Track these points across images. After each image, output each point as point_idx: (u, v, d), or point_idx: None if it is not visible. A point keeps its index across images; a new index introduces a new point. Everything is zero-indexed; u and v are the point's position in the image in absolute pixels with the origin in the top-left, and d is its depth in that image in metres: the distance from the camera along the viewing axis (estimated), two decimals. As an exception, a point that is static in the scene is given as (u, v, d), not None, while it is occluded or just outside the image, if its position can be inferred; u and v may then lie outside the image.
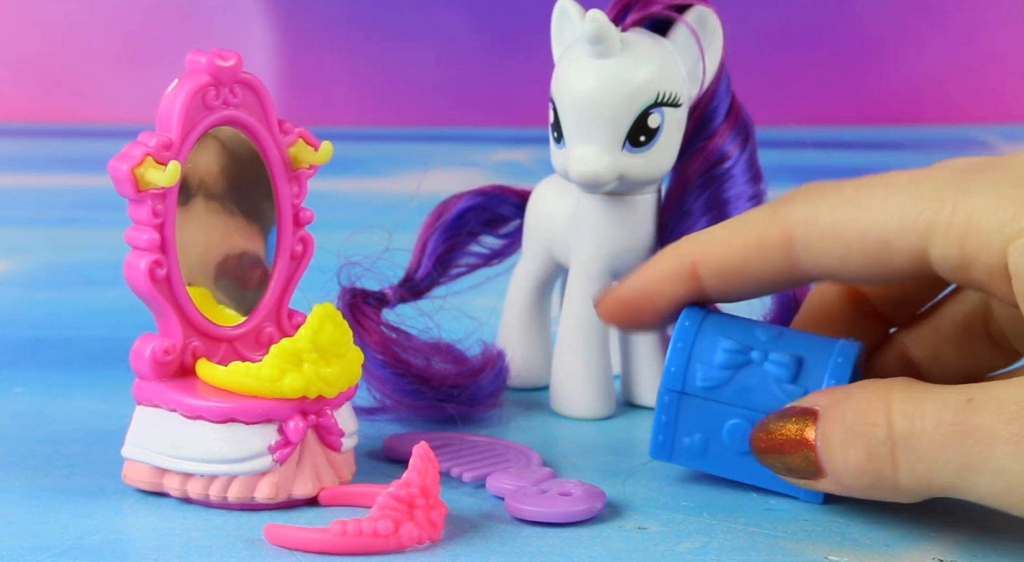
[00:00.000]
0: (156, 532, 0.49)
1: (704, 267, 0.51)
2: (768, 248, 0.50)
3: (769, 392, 0.50)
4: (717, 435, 0.51)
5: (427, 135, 1.22)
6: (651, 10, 0.58)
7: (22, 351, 0.68)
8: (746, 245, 0.50)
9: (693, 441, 0.51)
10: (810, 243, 0.49)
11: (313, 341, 0.50)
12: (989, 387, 0.45)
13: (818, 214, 0.49)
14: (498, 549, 0.48)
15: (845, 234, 0.48)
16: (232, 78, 0.52)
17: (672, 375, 0.51)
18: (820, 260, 0.49)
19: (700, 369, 0.51)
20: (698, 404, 0.51)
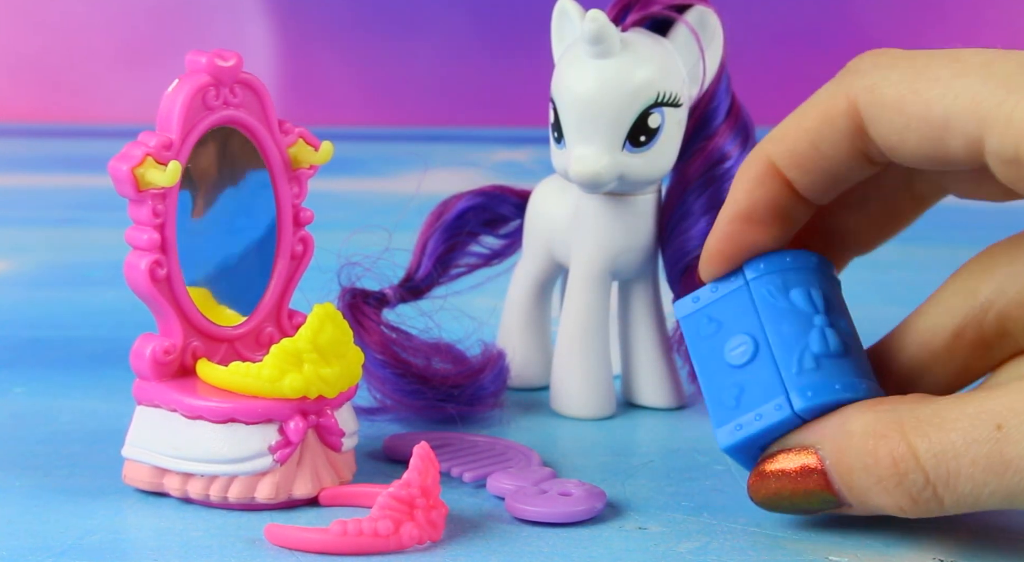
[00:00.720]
0: (156, 532, 0.49)
1: (780, 160, 0.48)
2: (835, 120, 0.47)
3: (794, 348, 0.48)
4: (727, 334, 0.49)
5: (427, 135, 1.22)
6: (651, 10, 0.58)
7: (22, 351, 0.68)
8: (814, 122, 0.48)
9: (709, 326, 0.50)
10: (872, 114, 0.46)
11: (313, 341, 0.50)
12: (1011, 406, 0.44)
13: (884, 82, 0.46)
14: (498, 549, 0.48)
15: (907, 107, 0.46)
16: (232, 78, 0.52)
17: (757, 266, 0.49)
18: (881, 132, 0.46)
19: (778, 284, 0.49)
20: (743, 303, 0.49)
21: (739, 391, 0.48)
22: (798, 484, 0.47)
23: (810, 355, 0.48)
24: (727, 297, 0.50)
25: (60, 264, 0.85)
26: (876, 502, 0.46)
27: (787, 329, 0.48)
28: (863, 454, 0.46)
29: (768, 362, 0.48)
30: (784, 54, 1.27)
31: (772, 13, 1.26)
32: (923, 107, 0.45)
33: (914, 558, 0.47)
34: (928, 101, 0.45)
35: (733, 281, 0.50)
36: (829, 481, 0.47)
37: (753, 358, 0.48)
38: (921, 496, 0.45)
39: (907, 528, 0.49)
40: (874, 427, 0.46)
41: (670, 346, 0.61)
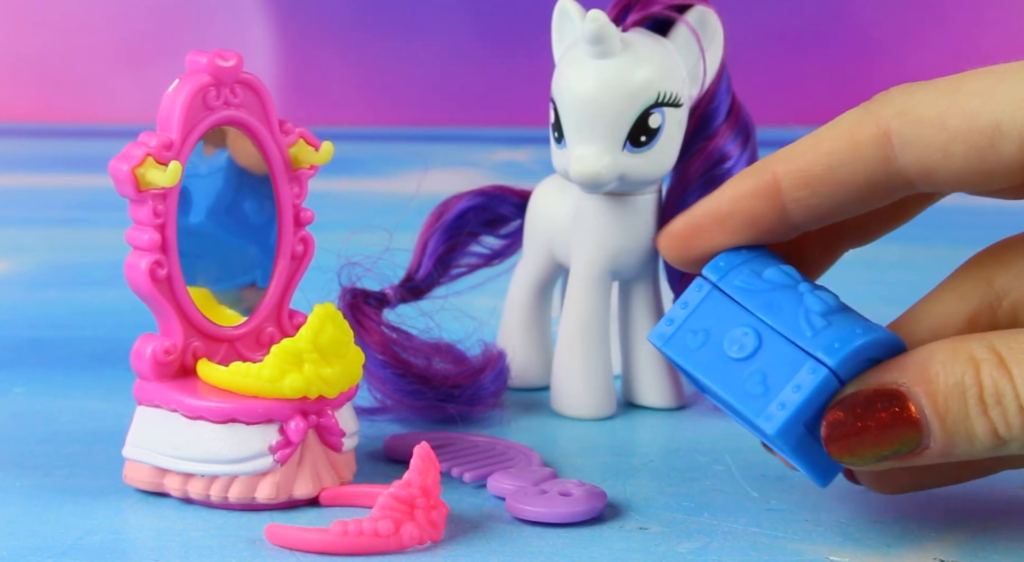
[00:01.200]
0: (157, 532, 0.49)
1: (788, 177, 0.47)
2: (860, 146, 0.46)
3: (795, 317, 0.46)
4: (720, 336, 0.47)
5: (427, 135, 1.22)
6: (651, 10, 0.58)
7: (22, 351, 0.68)
8: (836, 145, 0.46)
9: (695, 339, 0.48)
10: (908, 136, 0.45)
11: (314, 341, 0.50)
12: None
13: (918, 105, 0.45)
14: (499, 549, 0.48)
15: (949, 121, 0.45)
16: (233, 78, 0.52)
17: (717, 267, 0.48)
18: (920, 154, 0.45)
19: (746, 272, 0.47)
20: (722, 304, 0.47)
21: (762, 377, 0.46)
22: (886, 431, 0.45)
23: (816, 315, 0.46)
24: (701, 306, 0.48)
25: (60, 264, 0.85)
26: (972, 430, 0.44)
27: (779, 304, 0.47)
28: (959, 379, 0.44)
29: (778, 340, 0.47)
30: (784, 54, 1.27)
31: (772, 13, 1.26)
32: (967, 119, 0.45)
33: (914, 558, 0.47)
34: (971, 113, 0.45)
35: (699, 290, 0.48)
36: (918, 420, 0.44)
37: (759, 344, 0.47)
38: (1015, 421, 0.44)
39: (908, 528, 0.49)
40: (968, 353, 0.44)
41: (670, 346, 0.61)
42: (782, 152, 0.47)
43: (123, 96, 1.26)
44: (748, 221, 0.48)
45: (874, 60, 1.27)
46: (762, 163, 0.48)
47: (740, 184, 0.48)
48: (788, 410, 0.45)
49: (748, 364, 0.47)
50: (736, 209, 0.48)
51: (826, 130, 0.47)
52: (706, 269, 0.48)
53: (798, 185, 0.47)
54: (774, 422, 0.45)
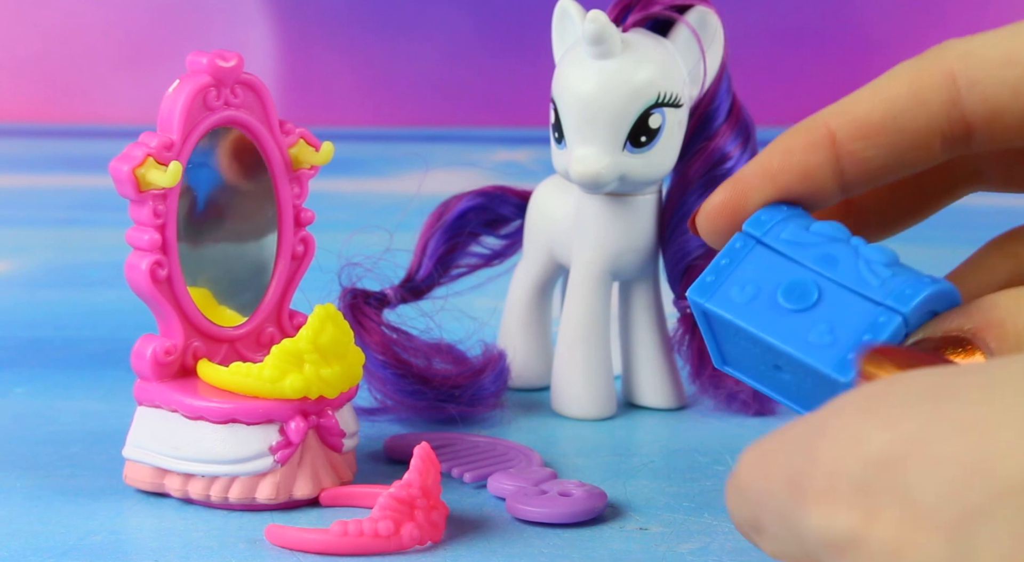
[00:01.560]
0: (157, 533, 0.49)
1: (844, 128, 0.45)
2: (924, 90, 0.44)
3: (855, 268, 0.44)
4: (772, 289, 0.45)
5: (427, 135, 1.22)
6: (652, 10, 0.58)
7: (23, 351, 0.68)
8: (896, 91, 0.44)
9: (743, 292, 0.45)
10: (976, 75, 0.44)
11: (314, 342, 0.50)
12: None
13: (981, 46, 0.44)
14: (499, 550, 0.48)
15: (1019, 56, 0.43)
16: (233, 79, 0.52)
17: (759, 222, 0.45)
18: (989, 92, 0.44)
19: (792, 227, 0.45)
20: (769, 258, 0.45)
21: (828, 327, 0.44)
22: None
23: (879, 265, 0.44)
24: (747, 260, 0.46)
25: (60, 264, 0.85)
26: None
27: (836, 256, 0.45)
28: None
29: (841, 291, 0.44)
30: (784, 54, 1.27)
31: (772, 13, 1.26)
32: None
33: (915, 558, 0.47)
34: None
35: (741, 246, 0.46)
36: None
37: (820, 296, 0.44)
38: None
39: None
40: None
41: (671, 346, 0.61)
42: (836, 105, 0.46)
43: (123, 96, 1.26)
44: (801, 176, 0.46)
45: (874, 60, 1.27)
46: (813, 117, 0.46)
47: (791, 138, 0.46)
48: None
49: (809, 315, 0.44)
50: (788, 164, 0.45)
51: (885, 78, 0.45)
52: (747, 224, 0.46)
53: (855, 136, 0.45)
54: (845, 370, 0.43)
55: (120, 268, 0.51)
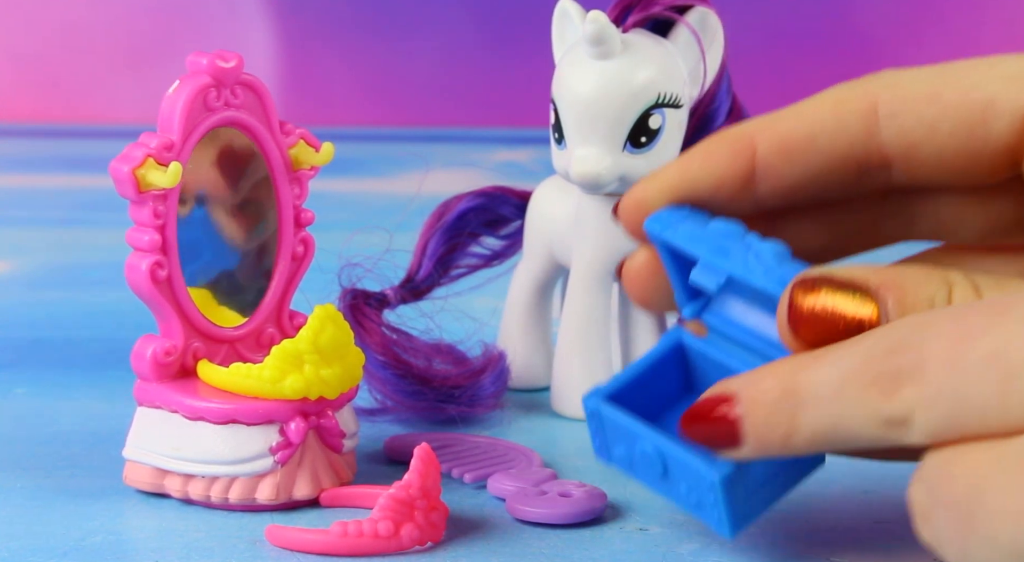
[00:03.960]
0: (157, 533, 0.49)
1: (765, 142, 0.46)
2: (846, 115, 0.45)
3: (745, 259, 0.45)
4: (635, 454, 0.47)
5: (427, 135, 1.22)
6: (652, 11, 0.58)
7: (23, 352, 0.68)
8: (819, 114, 0.46)
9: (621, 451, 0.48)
10: (896, 108, 0.45)
11: (314, 342, 0.50)
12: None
13: (912, 80, 0.45)
14: (499, 550, 0.48)
15: (942, 95, 0.44)
16: (233, 79, 0.52)
17: (660, 219, 0.46)
18: (906, 126, 0.45)
19: (691, 225, 0.46)
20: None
21: (687, 487, 0.46)
22: (843, 320, 0.42)
23: (768, 256, 0.45)
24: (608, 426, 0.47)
25: (61, 265, 0.85)
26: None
27: (729, 249, 0.45)
28: (930, 295, 0.42)
29: (679, 454, 0.46)
30: (784, 54, 1.27)
31: (772, 14, 1.26)
32: (961, 94, 0.44)
33: (914, 558, 0.47)
34: (965, 87, 0.44)
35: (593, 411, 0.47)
36: (877, 321, 0.42)
37: (665, 467, 0.46)
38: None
39: (908, 529, 0.49)
40: (943, 276, 0.43)
41: (671, 347, 0.61)
42: (764, 118, 0.47)
43: (123, 97, 1.26)
44: (716, 182, 0.47)
45: (874, 60, 1.27)
46: (741, 127, 0.47)
47: (716, 144, 0.47)
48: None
49: (667, 481, 0.46)
50: (706, 168, 0.47)
51: (811, 100, 0.46)
52: (648, 221, 0.47)
53: (775, 151, 0.46)
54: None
55: (120, 268, 0.51)
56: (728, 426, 0.43)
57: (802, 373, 0.42)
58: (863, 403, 0.40)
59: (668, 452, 0.45)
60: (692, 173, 0.47)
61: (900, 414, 0.40)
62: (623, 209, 0.48)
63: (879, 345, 0.41)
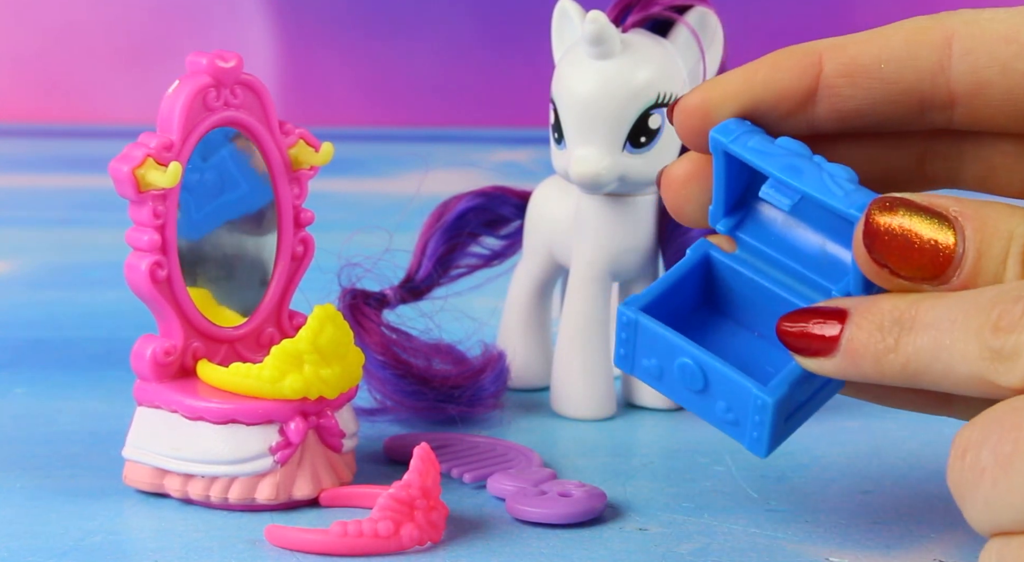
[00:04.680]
0: (157, 533, 0.49)
1: (833, 61, 0.45)
2: (918, 46, 0.45)
3: (820, 179, 0.44)
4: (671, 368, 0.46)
5: (427, 135, 1.22)
6: (651, 11, 0.58)
7: (23, 352, 0.68)
8: (893, 41, 0.45)
9: (651, 364, 0.46)
10: (972, 44, 0.44)
11: (314, 342, 0.50)
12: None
13: (990, 18, 0.44)
14: (499, 550, 0.48)
15: (1019, 36, 0.44)
16: (233, 79, 0.52)
17: (727, 129, 0.45)
18: (979, 64, 0.44)
19: (759, 138, 0.45)
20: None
21: (726, 405, 0.46)
22: (923, 242, 0.42)
23: (842, 179, 0.44)
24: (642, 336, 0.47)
25: (60, 265, 0.85)
26: (1002, 272, 0.42)
27: (800, 167, 0.45)
28: (1011, 228, 0.42)
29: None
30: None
31: (772, 13, 1.26)
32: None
33: (914, 558, 0.47)
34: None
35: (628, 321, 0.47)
36: (955, 246, 0.42)
37: (706, 381, 0.46)
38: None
39: (907, 529, 0.49)
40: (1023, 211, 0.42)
41: (670, 347, 0.61)
42: (837, 38, 0.46)
43: (123, 97, 1.26)
44: (779, 94, 0.46)
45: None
46: (811, 43, 0.46)
47: (783, 57, 0.46)
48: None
49: (706, 396, 0.46)
50: (772, 78, 0.46)
51: (887, 27, 0.46)
52: (715, 130, 0.46)
53: (841, 72, 0.46)
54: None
55: (120, 268, 0.51)
56: (828, 335, 0.43)
57: (923, 303, 0.42)
58: (974, 335, 0.41)
59: (713, 369, 0.45)
60: (757, 83, 0.46)
61: (1008, 349, 0.40)
62: (681, 111, 0.47)
63: (1008, 293, 0.41)
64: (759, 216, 0.47)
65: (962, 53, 0.45)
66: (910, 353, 0.42)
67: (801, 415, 0.46)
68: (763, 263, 0.47)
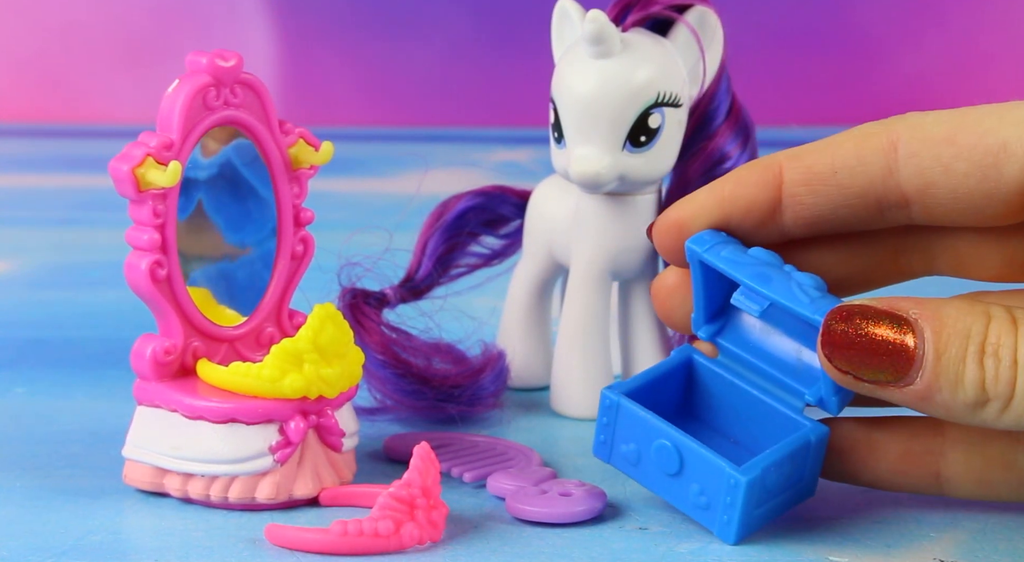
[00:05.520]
0: (157, 532, 0.49)
1: (791, 171, 0.48)
2: (868, 151, 0.47)
3: (788, 288, 0.47)
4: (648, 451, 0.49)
5: (427, 135, 1.22)
6: (651, 10, 0.58)
7: (23, 351, 0.68)
8: (843, 149, 0.48)
9: (628, 449, 0.50)
10: (915, 147, 0.47)
11: (314, 341, 0.50)
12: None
13: (931, 122, 0.47)
14: (499, 549, 0.48)
15: (958, 137, 0.46)
16: (233, 78, 0.52)
17: (702, 240, 0.49)
18: (923, 165, 0.46)
19: (732, 248, 0.49)
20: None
21: (700, 489, 0.48)
22: (881, 349, 0.45)
23: (810, 287, 0.47)
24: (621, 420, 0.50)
25: (60, 264, 0.85)
26: (962, 375, 0.45)
27: (770, 276, 0.48)
28: (967, 326, 0.45)
29: (697, 454, 0.48)
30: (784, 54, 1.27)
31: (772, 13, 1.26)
32: (975, 136, 0.46)
33: (914, 558, 0.47)
34: (981, 131, 0.46)
35: (610, 405, 0.50)
36: (915, 349, 0.45)
37: (682, 463, 0.49)
38: (1004, 375, 0.44)
39: (907, 528, 0.49)
40: (983, 308, 0.45)
41: (670, 346, 0.61)
42: (794, 149, 0.49)
43: (123, 96, 1.26)
44: (746, 207, 0.49)
45: (874, 60, 1.27)
46: (771, 156, 0.49)
47: (747, 171, 0.49)
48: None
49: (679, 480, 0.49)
50: (738, 194, 0.49)
51: (839, 135, 0.48)
52: (690, 241, 0.49)
53: (799, 181, 0.48)
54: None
55: (120, 268, 0.51)
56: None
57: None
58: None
59: (689, 450, 0.48)
60: (725, 199, 0.49)
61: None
62: (659, 229, 0.50)
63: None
64: (739, 324, 0.50)
65: (907, 156, 0.47)
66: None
67: (771, 507, 0.48)
68: (742, 368, 0.50)
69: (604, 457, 0.51)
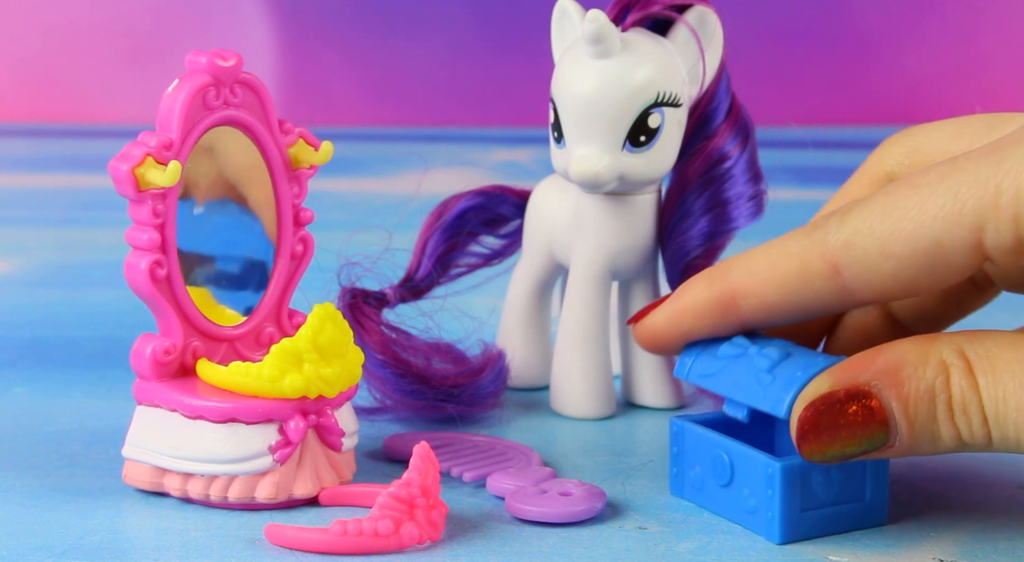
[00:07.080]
0: (156, 532, 0.49)
1: (746, 302, 0.49)
2: (814, 279, 0.48)
3: (750, 384, 0.49)
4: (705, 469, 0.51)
5: (427, 135, 1.22)
6: (651, 10, 0.58)
7: (23, 351, 0.68)
8: (788, 278, 0.48)
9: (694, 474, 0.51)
10: (857, 268, 0.47)
11: (313, 341, 0.50)
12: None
13: (859, 235, 0.47)
14: (498, 549, 0.48)
15: (893, 249, 0.46)
16: (232, 78, 0.52)
17: (682, 366, 0.51)
18: (872, 281, 0.47)
19: (704, 360, 0.51)
20: (696, 433, 0.51)
21: (750, 492, 0.49)
22: (857, 430, 0.46)
23: (763, 373, 0.49)
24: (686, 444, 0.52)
25: (61, 264, 0.85)
26: (938, 433, 0.46)
27: (737, 376, 0.49)
28: (929, 385, 0.46)
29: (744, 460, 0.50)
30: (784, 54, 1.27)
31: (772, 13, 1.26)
32: (908, 245, 0.46)
33: (914, 558, 0.47)
34: (910, 237, 0.46)
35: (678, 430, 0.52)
36: (887, 420, 0.46)
37: (732, 472, 0.50)
38: (978, 431, 0.46)
39: (907, 528, 0.49)
40: (938, 357, 0.46)
41: (670, 346, 0.61)
42: (736, 274, 0.50)
43: (123, 96, 1.26)
44: (708, 331, 0.51)
45: (874, 60, 1.27)
46: (719, 280, 0.50)
47: (699, 298, 0.51)
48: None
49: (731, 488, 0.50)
50: (696, 325, 0.51)
51: (777, 260, 0.49)
52: (675, 373, 0.52)
53: (756, 309, 0.50)
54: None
55: (120, 268, 0.51)
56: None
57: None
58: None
59: (737, 452, 0.49)
60: (685, 329, 0.51)
61: None
62: (639, 337, 0.52)
63: None
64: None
65: (853, 278, 0.48)
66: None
67: (824, 516, 0.49)
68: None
69: (678, 491, 0.52)
